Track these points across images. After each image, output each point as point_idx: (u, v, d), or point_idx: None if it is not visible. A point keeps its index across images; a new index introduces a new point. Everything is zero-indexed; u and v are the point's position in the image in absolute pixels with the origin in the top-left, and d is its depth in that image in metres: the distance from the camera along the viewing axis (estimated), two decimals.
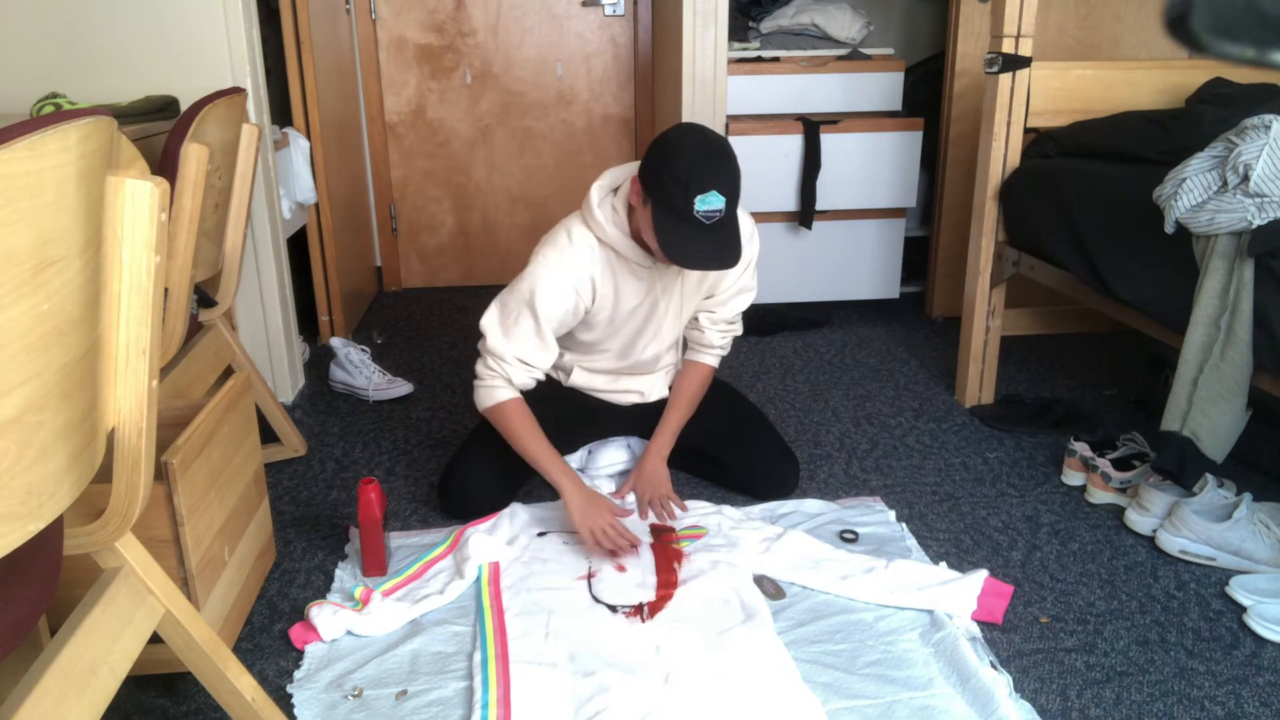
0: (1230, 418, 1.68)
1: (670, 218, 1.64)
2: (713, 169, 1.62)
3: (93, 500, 0.99)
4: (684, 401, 2.03)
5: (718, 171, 1.62)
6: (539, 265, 1.80)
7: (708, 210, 1.61)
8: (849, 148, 3.04)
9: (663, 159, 1.65)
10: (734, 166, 1.65)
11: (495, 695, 1.39)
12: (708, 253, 1.66)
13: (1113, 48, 3.09)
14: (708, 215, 1.62)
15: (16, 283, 0.72)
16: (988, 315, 2.46)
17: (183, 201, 1.65)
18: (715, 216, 1.62)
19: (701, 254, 1.66)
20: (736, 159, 1.67)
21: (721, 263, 1.67)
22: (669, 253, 1.65)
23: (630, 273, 1.84)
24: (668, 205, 1.63)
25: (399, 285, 3.87)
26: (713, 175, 1.61)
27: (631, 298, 1.87)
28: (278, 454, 2.24)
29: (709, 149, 1.65)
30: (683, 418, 2.03)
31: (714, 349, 2.04)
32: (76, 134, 0.77)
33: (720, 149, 1.66)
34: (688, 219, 1.62)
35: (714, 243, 1.66)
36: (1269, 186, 1.59)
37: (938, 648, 1.50)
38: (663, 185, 1.63)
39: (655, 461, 1.99)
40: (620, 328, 1.93)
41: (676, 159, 1.63)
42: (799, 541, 1.77)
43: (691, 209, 1.61)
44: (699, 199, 1.60)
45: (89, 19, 2.26)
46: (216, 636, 1.18)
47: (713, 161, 1.63)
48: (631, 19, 3.63)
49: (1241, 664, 1.49)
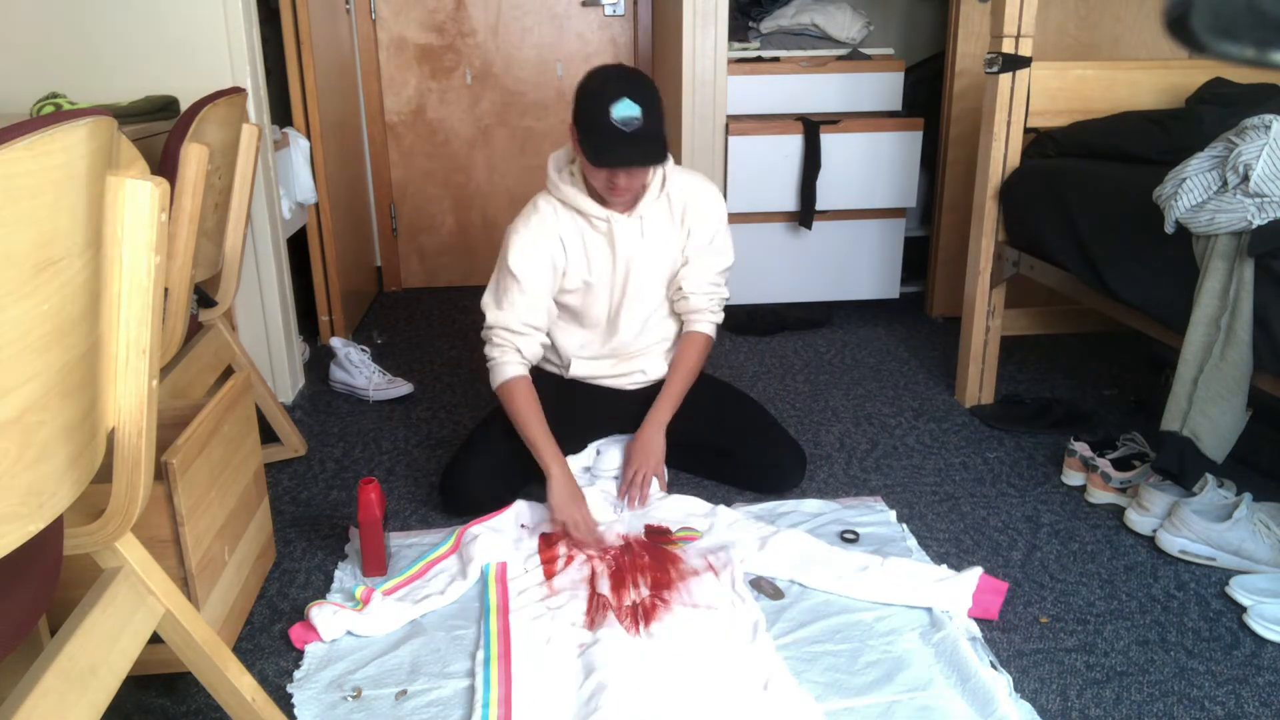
0: (1230, 418, 1.68)
1: (590, 133, 1.75)
2: (625, 81, 1.75)
3: (93, 500, 0.99)
4: (682, 370, 2.04)
5: (629, 84, 1.74)
6: (511, 234, 1.95)
7: (624, 117, 1.70)
8: (849, 148, 3.04)
9: (580, 91, 1.79)
10: (649, 84, 1.77)
11: (496, 695, 1.39)
12: (629, 154, 1.76)
13: (1113, 48, 3.09)
14: (625, 122, 1.71)
15: (16, 283, 0.72)
16: (988, 315, 2.46)
17: (183, 201, 1.65)
18: (634, 124, 1.71)
19: (620, 155, 1.75)
20: (656, 87, 1.79)
21: (641, 160, 1.77)
22: (591, 155, 1.76)
23: (594, 229, 1.93)
24: (588, 124, 1.75)
25: (399, 285, 3.87)
26: (625, 86, 1.73)
27: (601, 259, 1.95)
28: (278, 454, 2.24)
29: (621, 70, 1.79)
30: (681, 387, 2.04)
31: (704, 313, 2.05)
32: (76, 134, 0.77)
33: (634, 72, 1.79)
34: (606, 128, 1.72)
35: (635, 147, 1.75)
36: (1269, 186, 1.59)
37: (938, 648, 1.50)
38: (582, 109, 1.77)
39: (653, 430, 2.00)
40: (598, 292, 1.98)
41: (590, 83, 1.78)
42: (795, 540, 1.77)
43: (608, 118, 1.71)
44: (613, 107, 1.70)
45: (89, 19, 2.26)
46: (216, 636, 1.18)
47: (624, 76, 1.76)
48: (631, 19, 3.63)
49: (1241, 664, 1.49)
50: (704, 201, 2.00)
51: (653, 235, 1.96)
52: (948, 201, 3.18)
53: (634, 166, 1.80)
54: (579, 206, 1.91)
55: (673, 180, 1.97)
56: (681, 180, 1.98)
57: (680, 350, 2.07)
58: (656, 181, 1.94)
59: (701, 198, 1.99)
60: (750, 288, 3.16)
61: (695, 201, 1.99)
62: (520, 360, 1.93)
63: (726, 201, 3.02)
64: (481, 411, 2.48)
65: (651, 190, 1.94)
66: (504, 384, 1.91)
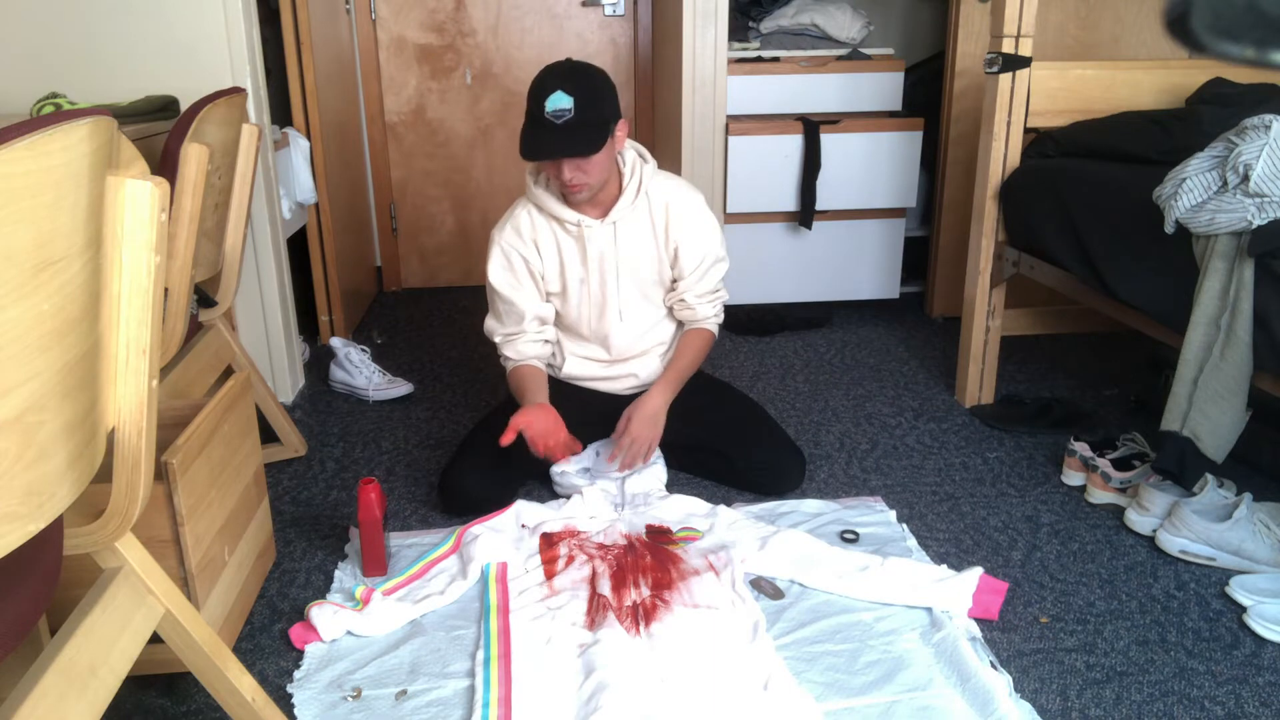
0: (1230, 418, 1.68)
1: (528, 124, 1.81)
2: (560, 75, 1.78)
3: (93, 500, 0.99)
4: (687, 353, 2.06)
5: (566, 78, 1.77)
6: (490, 246, 2.00)
7: (555, 110, 1.75)
8: (849, 148, 3.04)
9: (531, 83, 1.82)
10: (587, 77, 1.80)
11: (496, 695, 1.39)
12: (554, 144, 1.79)
13: (1113, 48, 3.09)
14: (556, 114, 1.76)
15: (16, 283, 0.72)
16: (988, 315, 2.46)
17: (183, 201, 1.65)
18: (564, 115, 1.76)
19: (546, 146, 1.79)
20: (602, 75, 1.83)
21: (565, 150, 1.79)
22: (522, 150, 1.81)
23: (567, 234, 1.96)
24: (528, 115, 1.81)
25: (399, 285, 3.87)
26: (560, 80, 1.77)
27: (573, 263, 1.97)
28: (278, 454, 2.24)
29: (566, 64, 1.82)
30: (684, 367, 2.05)
31: (709, 319, 2.09)
32: (76, 134, 0.77)
33: (578, 64, 1.82)
34: (540, 121, 1.78)
35: (563, 138, 1.78)
36: (1269, 186, 1.59)
37: (938, 648, 1.50)
38: (528, 100, 1.81)
39: (658, 402, 1.99)
40: (572, 297, 2.00)
41: (537, 76, 1.81)
42: (795, 539, 1.77)
43: (542, 111, 1.76)
44: (547, 100, 1.76)
45: (89, 19, 2.26)
46: (216, 636, 1.18)
47: (564, 71, 1.79)
48: (631, 19, 3.63)
49: (1241, 664, 1.49)
50: (688, 213, 1.99)
51: (628, 241, 1.97)
52: (948, 201, 3.18)
53: (557, 158, 1.81)
54: (551, 211, 1.94)
55: (650, 186, 1.97)
56: (661, 186, 1.98)
57: (684, 339, 2.09)
58: (631, 187, 1.94)
59: (685, 210, 1.99)
60: (750, 288, 3.16)
61: (679, 213, 1.98)
62: (517, 356, 2.01)
63: (726, 202, 3.04)
64: (482, 412, 2.48)
65: (626, 196, 1.94)
66: (510, 371, 2.03)
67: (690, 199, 2.00)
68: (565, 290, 2.00)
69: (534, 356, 2.01)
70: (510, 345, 2.01)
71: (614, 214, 1.94)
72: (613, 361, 2.08)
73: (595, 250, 1.95)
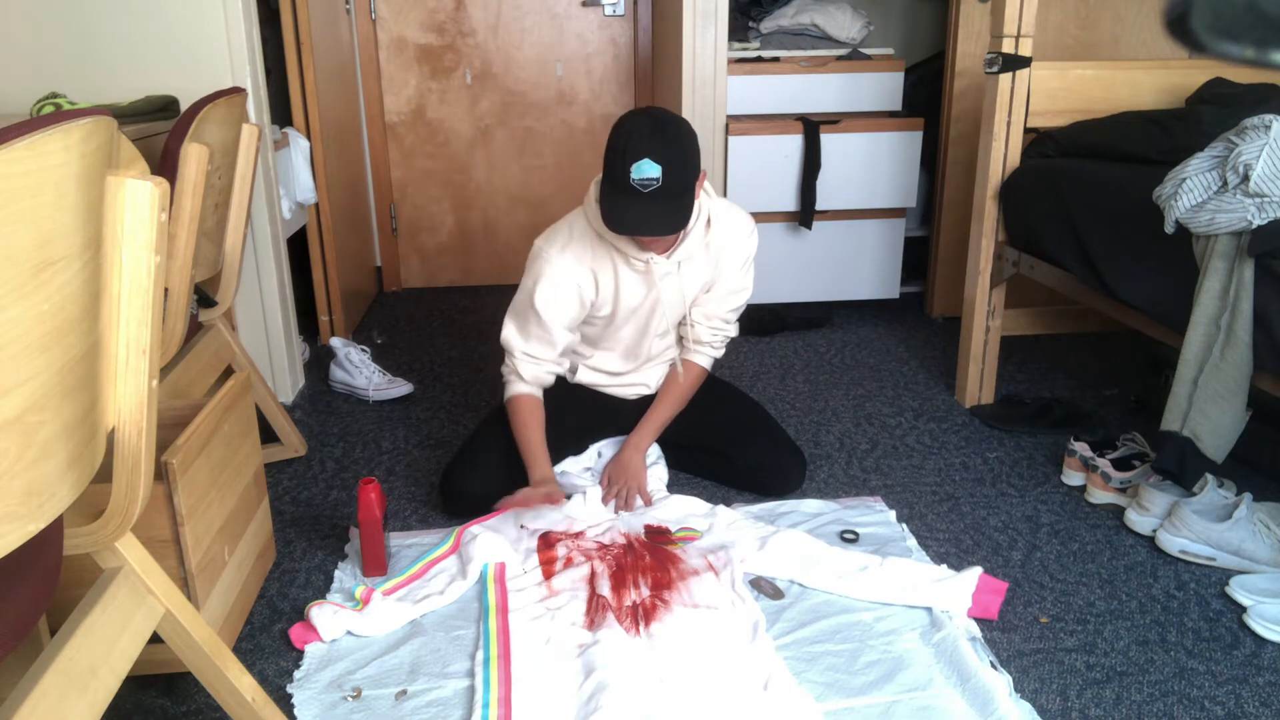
0: (1230, 418, 1.68)
1: (611, 188, 1.72)
2: (649, 139, 1.68)
3: (93, 500, 0.99)
4: (671, 399, 2.04)
5: (653, 141, 1.68)
6: (543, 261, 1.88)
7: (642, 179, 1.67)
8: (849, 148, 3.04)
9: (611, 137, 1.73)
10: (676, 139, 1.70)
11: (496, 695, 1.39)
12: (641, 219, 1.71)
13: (1113, 48, 3.09)
14: (642, 183, 1.67)
15: (16, 283, 0.72)
16: (988, 315, 2.46)
17: (183, 201, 1.65)
18: (651, 185, 1.68)
19: (633, 219, 1.71)
20: (688, 134, 1.73)
21: (656, 228, 1.72)
22: (605, 218, 1.73)
23: (629, 267, 1.88)
24: (609, 177, 1.72)
25: (399, 285, 3.87)
26: (647, 144, 1.67)
27: (631, 296, 1.91)
28: (278, 454, 2.24)
29: (651, 122, 1.71)
30: (666, 416, 2.04)
31: (704, 346, 2.04)
32: (76, 134, 0.77)
33: (663, 122, 1.71)
34: (625, 188, 1.69)
35: (650, 210, 1.70)
36: (1269, 186, 1.59)
37: (938, 648, 1.50)
38: (608, 159, 1.72)
39: (631, 453, 2.01)
40: (622, 326, 1.95)
41: (619, 134, 1.71)
42: (794, 539, 1.77)
43: (627, 177, 1.68)
44: (634, 167, 1.67)
45: (89, 19, 2.26)
46: (216, 636, 1.18)
47: (651, 132, 1.69)
48: (631, 19, 3.63)
49: (1241, 664, 1.49)
50: (740, 244, 1.95)
51: (688, 273, 1.94)
52: (948, 201, 3.18)
53: (647, 235, 1.75)
54: (617, 245, 1.86)
55: (715, 221, 1.92)
56: (721, 223, 1.93)
57: (671, 379, 2.05)
58: (701, 224, 1.90)
59: (738, 240, 1.95)
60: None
61: (732, 257, 1.95)
62: (525, 383, 1.94)
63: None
64: (482, 411, 2.48)
65: (696, 234, 1.89)
66: (511, 398, 1.94)
67: (745, 230, 1.96)
68: (615, 316, 1.95)
69: (543, 385, 1.96)
70: (527, 366, 1.93)
71: (680, 253, 1.89)
72: (626, 372, 2.07)
73: (657, 284, 1.91)
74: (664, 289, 1.92)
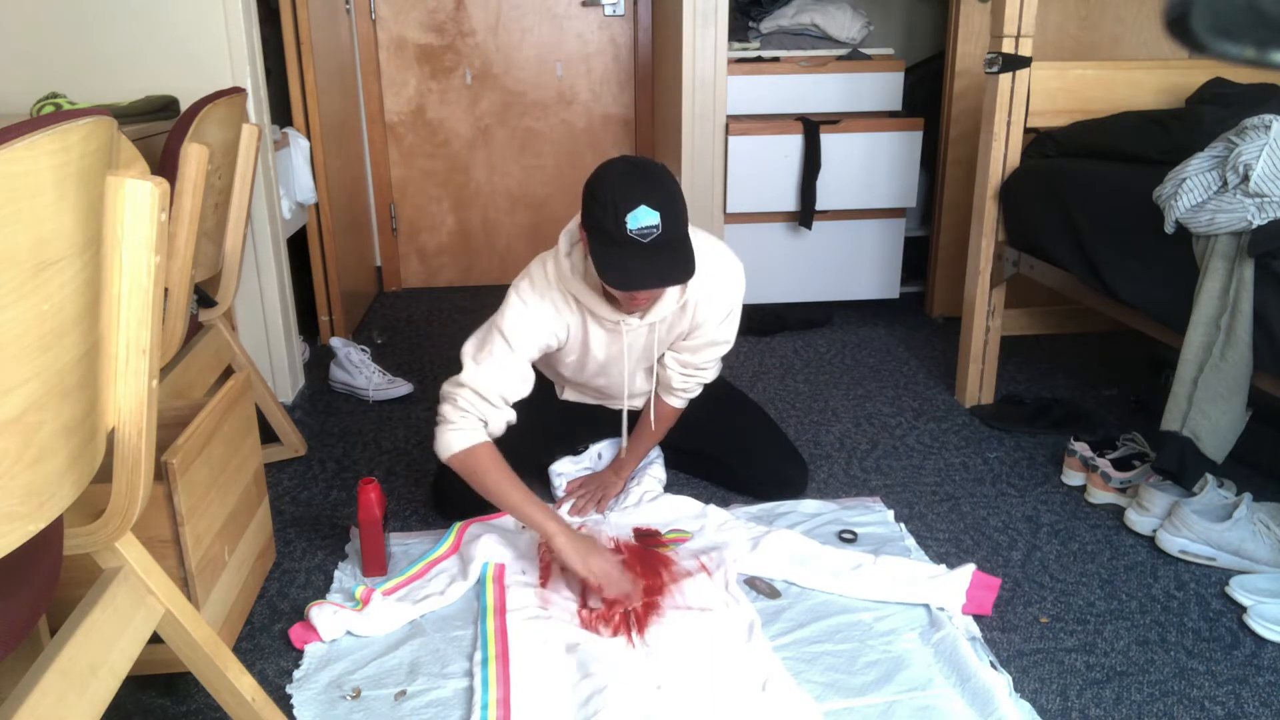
0: (1230, 418, 1.68)
1: (605, 245, 1.53)
2: (639, 184, 1.51)
3: (93, 500, 0.99)
4: (647, 437, 2.00)
5: (644, 186, 1.51)
6: (516, 302, 1.74)
7: (640, 228, 1.49)
8: (849, 148, 3.04)
9: (590, 191, 1.55)
10: (666, 184, 1.54)
11: (495, 696, 1.39)
12: (651, 272, 1.54)
13: (1113, 48, 3.09)
14: (642, 233, 1.49)
15: (16, 283, 0.72)
16: (988, 315, 2.46)
17: (183, 201, 1.65)
18: (651, 234, 1.50)
19: (642, 274, 1.54)
20: (672, 181, 1.56)
21: (670, 278, 1.56)
22: (609, 278, 1.55)
23: (600, 326, 1.77)
24: (601, 234, 1.53)
25: (399, 285, 3.87)
26: (639, 190, 1.50)
27: (600, 350, 1.81)
28: (278, 454, 2.24)
29: (635, 169, 1.55)
30: (646, 449, 2.03)
31: (675, 392, 1.94)
32: (76, 134, 0.77)
33: (648, 168, 1.55)
34: (622, 242, 1.51)
35: (658, 261, 1.53)
36: (1269, 186, 1.59)
37: (937, 648, 1.50)
38: (593, 215, 1.53)
39: (612, 477, 2.01)
40: (589, 369, 1.88)
41: (600, 186, 1.53)
42: (786, 539, 1.77)
43: (624, 230, 1.49)
44: (629, 217, 1.49)
45: (89, 19, 2.26)
46: (216, 636, 1.18)
47: (639, 179, 1.53)
48: (631, 19, 3.63)
49: (1241, 664, 1.49)
50: (721, 297, 1.80)
51: (660, 333, 1.83)
52: (948, 201, 3.18)
53: (657, 287, 1.60)
54: (591, 308, 1.73)
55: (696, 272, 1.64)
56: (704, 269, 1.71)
57: (645, 420, 1.98)
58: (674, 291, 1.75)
59: (719, 293, 1.79)
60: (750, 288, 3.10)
61: (711, 297, 1.79)
62: (484, 433, 1.70)
63: (726, 202, 3.04)
64: None
65: (670, 297, 1.75)
66: (465, 451, 1.67)
67: (727, 299, 1.80)
68: (583, 365, 1.85)
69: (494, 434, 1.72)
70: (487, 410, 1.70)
71: (654, 315, 1.76)
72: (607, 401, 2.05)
73: (627, 342, 1.80)
74: (631, 341, 1.80)
